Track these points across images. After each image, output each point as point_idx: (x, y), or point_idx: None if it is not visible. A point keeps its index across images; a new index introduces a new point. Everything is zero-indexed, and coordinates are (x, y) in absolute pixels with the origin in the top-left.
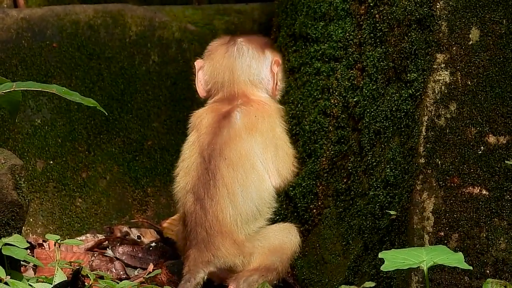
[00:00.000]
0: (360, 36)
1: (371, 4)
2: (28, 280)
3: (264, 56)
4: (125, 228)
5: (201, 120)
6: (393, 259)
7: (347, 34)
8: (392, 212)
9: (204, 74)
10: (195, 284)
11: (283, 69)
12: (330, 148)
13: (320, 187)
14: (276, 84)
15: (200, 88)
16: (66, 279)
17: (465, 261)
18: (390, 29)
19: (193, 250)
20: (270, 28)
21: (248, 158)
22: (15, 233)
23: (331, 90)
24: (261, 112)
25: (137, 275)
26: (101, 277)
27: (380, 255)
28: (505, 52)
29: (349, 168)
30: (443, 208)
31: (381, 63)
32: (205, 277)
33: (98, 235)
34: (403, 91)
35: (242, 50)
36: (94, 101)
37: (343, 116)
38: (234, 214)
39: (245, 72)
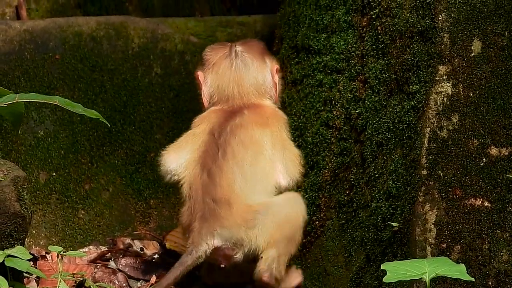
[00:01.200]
0: (362, 48)
1: (373, 16)
2: None
3: (266, 64)
4: (127, 240)
5: (209, 115)
6: (395, 271)
7: (349, 46)
8: (394, 224)
9: (208, 87)
10: (196, 257)
11: (284, 80)
12: (332, 160)
13: (323, 199)
14: (277, 91)
15: (205, 100)
16: None
17: (467, 273)
18: (392, 41)
19: (198, 222)
20: (272, 40)
21: (259, 145)
22: (18, 245)
23: (333, 102)
24: (271, 114)
25: (140, 287)
26: None
27: (382, 267)
28: (507, 64)
29: (351, 180)
30: (445, 219)
31: (383, 75)
32: (208, 252)
33: (101, 247)
34: (405, 103)
35: (246, 62)
36: (96, 113)
37: (346, 128)
38: (241, 184)
39: (253, 84)
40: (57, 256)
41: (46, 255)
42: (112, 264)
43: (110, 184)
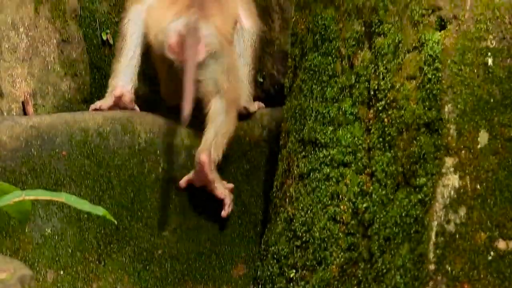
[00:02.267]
0: (369, 141)
1: (380, 109)
2: None
3: None
4: None
5: None
6: None
7: (356, 139)
8: None
9: None
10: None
11: (291, 174)
12: (340, 255)
13: None
14: None
15: None
16: None
17: None
18: (399, 133)
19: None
20: (279, 133)
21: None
22: None
23: (340, 196)
24: None
25: None
26: None
27: None
28: None
29: (359, 275)
30: None
31: (390, 168)
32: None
33: None
34: (412, 196)
35: None
36: (103, 210)
37: (353, 222)
38: None
39: None
40: None
41: None
42: None
43: (118, 282)
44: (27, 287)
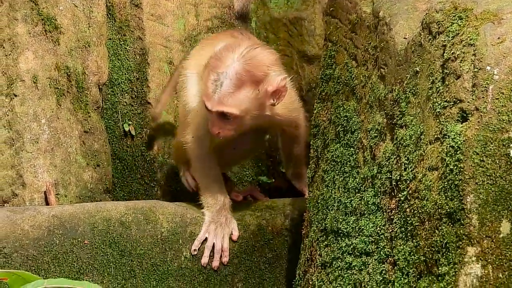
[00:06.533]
0: (391, 230)
1: (402, 199)
2: None
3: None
4: None
5: None
6: None
7: (378, 228)
8: None
9: None
10: None
11: (314, 263)
12: None
13: None
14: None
15: None
16: None
17: None
18: (421, 223)
19: None
20: (301, 223)
21: None
22: None
23: (363, 285)
24: None
25: None
26: None
27: None
28: None
29: None
30: None
31: (413, 257)
32: None
33: None
34: (435, 285)
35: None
36: None
37: None
38: None
39: None
40: None
41: None
42: None
43: None
44: None
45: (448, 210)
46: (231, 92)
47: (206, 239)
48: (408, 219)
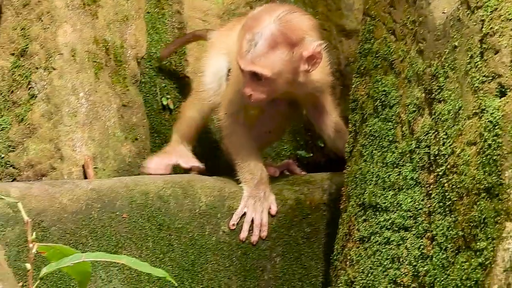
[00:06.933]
0: (429, 205)
1: (440, 174)
2: None
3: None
4: None
5: None
6: None
7: (417, 203)
8: None
9: None
10: None
11: (352, 237)
12: None
13: None
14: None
15: None
16: None
17: None
18: (459, 198)
19: None
20: (339, 197)
21: None
22: None
23: (401, 260)
24: None
25: None
26: None
27: None
28: None
29: None
30: None
31: (451, 232)
32: None
33: None
34: (472, 260)
35: None
36: (164, 272)
37: (414, 285)
38: None
39: None
40: None
41: None
42: None
43: None
44: None
45: (487, 185)
46: (264, 53)
47: (244, 214)
48: (447, 194)
